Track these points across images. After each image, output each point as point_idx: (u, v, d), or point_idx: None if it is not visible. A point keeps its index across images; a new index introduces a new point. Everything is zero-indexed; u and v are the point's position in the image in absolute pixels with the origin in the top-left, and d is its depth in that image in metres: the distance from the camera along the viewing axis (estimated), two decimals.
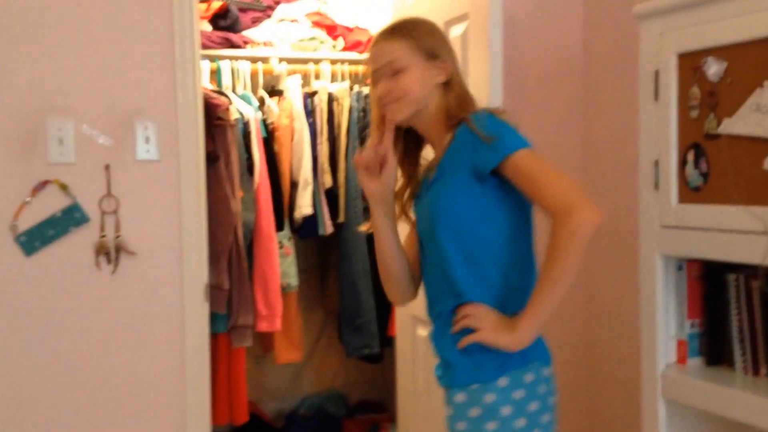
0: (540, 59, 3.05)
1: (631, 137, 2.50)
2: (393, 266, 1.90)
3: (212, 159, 2.67)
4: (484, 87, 2.38)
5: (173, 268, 2.51)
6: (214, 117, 2.67)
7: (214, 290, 2.68)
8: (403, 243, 1.93)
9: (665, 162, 2.09)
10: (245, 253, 2.85)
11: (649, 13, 2.11)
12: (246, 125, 3.26)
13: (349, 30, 3.92)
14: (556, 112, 3.07)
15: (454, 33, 2.59)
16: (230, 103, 3.00)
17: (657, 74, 2.09)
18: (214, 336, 2.91)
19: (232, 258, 2.80)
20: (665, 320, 2.13)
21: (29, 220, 2.35)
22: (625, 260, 2.82)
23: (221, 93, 2.78)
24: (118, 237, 2.43)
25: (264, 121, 3.43)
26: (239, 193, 3.01)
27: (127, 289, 2.46)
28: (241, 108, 3.30)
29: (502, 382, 1.70)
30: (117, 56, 2.44)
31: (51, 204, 2.37)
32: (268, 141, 3.40)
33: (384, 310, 3.58)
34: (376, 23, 3.93)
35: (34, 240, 2.35)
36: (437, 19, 2.59)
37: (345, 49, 3.87)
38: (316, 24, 3.88)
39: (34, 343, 2.37)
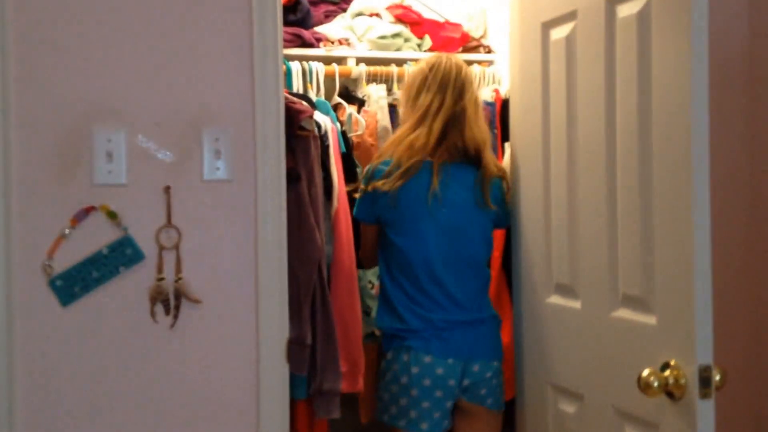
0: None
1: None
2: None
3: (293, 178, 2.13)
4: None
5: (247, 320, 1.98)
6: (296, 126, 2.12)
7: (293, 346, 2.12)
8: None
9: None
10: (330, 298, 2.29)
11: None
12: (323, 138, 2.71)
13: (439, 26, 3.36)
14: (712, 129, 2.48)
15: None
16: (314, 109, 2.45)
17: None
18: (292, 403, 2.35)
19: (315, 304, 2.23)
20: None
21: (67, 258, 1.84)
22: None
23: (304, 97, 2.25)
24: (179, 279, 1.90)
25: (344, 133, 2.87)
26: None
27: (190, 346, 1.93)
28: (317, 117, 2.75)
29: None
30: (181, 50, 1.92)
31: (95, 237, 1.86)
32: (348, 157, 2.83)
33: None
34: (470, 17, 3.38)
35: (73, 284, 1.82)
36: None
37: (433, 48, 3.32)
38: (399, 18, 3.33)
39: (74, 418, 1.85)
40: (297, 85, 2.95)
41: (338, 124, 2.87)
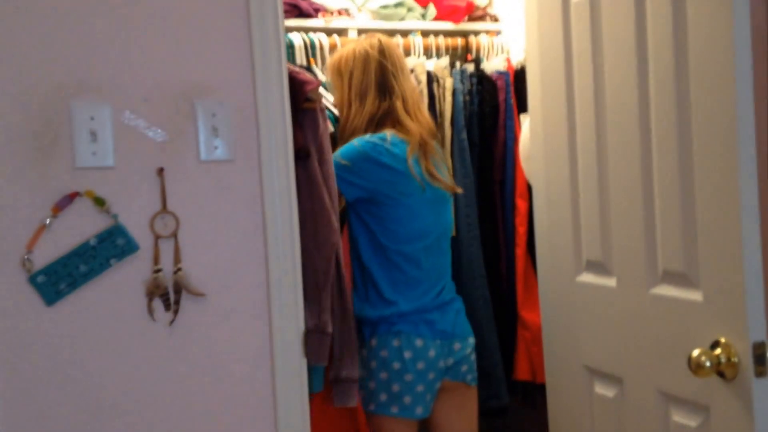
0: None
1: None
2: None
3: (302, 156, 1.94)
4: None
5: (258, 312, 1.79)
6: (302, 98, 1.93)
7: (314, 335, 1.95)
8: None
9: None
10: (346, 284, 2.12)
11: None
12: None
13: None
14: None
15: None
16: (320, 81, 2.27)
17: None
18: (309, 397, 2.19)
19: (332, 292, 2.05)
20: None
21: (50, 251, 1.63)
22: None
23: (307, 68, 2.07)
24: (178, 271, 1.71)
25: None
26: (341, 201, 2.29)
27: (194, 345, 1.74)
28: (326, 93, 2.58)
29: None
30: (170, 16, 1.71)
31: (81, 227, 1.65)
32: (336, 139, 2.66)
33: (507, 349, 2.83)
34: None
35: (57, 281, 1.62)
36: None
37: (438, 17, 3.14)
38: None
39: (66, 427, 1.65)
40: (300, 60, 2.78)
41: None
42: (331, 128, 2.53)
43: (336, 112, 2.55)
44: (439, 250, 2.45)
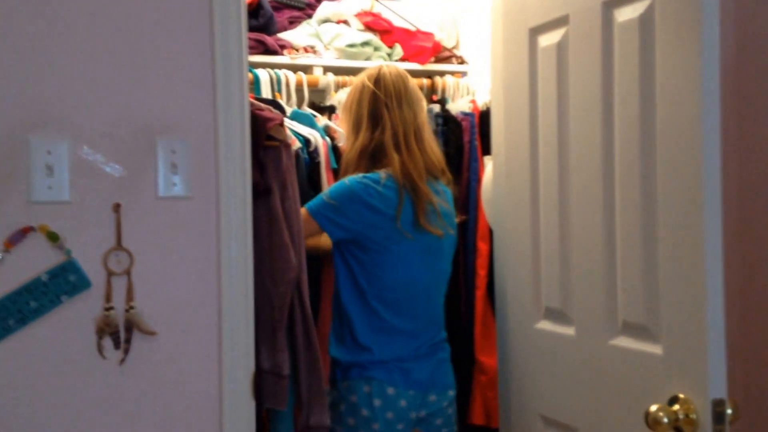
0: None
1: None
2: None
3: (261, 192, 1.92)
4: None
5: (208, 352, 1.76)
6: (262, 135, 1.91)
7: (269, 377, 1.91)
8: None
9: None
10: (311, 325, 2.07)
11: None
12: (313, 155, 2.51)
13: (410, 34, 3.19)
14: None
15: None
16: (284, 116, 2.25)
17: None
18: None
19: (295, 330, 2.01)
20: None
21: (0, 286, 1.60)
22: None
23: (273, 102, 2.06)
24: (130, 309, 1.68)
25: (335, 148, 2.68)
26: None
27: (143, 384, 1.71)
28: (302, 131, 2.55)
29: None
30: (133, 53, 1.70)
31: (33, 262, 1.62)
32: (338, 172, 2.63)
33: (463, 393, 2.80)
34: (441, 27, 3.22)
35: (6, 317, 1.59)
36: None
37: (405, 57, 3.14)
38: (369, 26, 3.16)
39: None
40: (266, 95, 2.76)
41: (329, 139, 2.68)
42: (334, 163, 2.52)
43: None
44: (427, 300, 2.37)
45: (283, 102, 2.72)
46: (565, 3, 1.99)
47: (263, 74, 2.75)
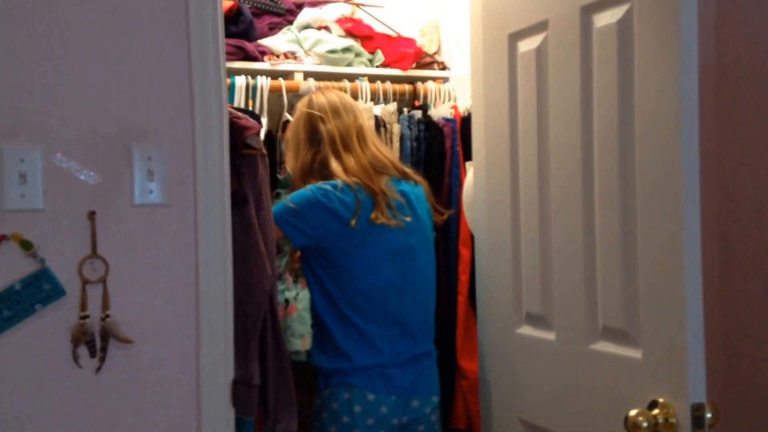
0: None
1: None
2: None
3: (238, 202, 1.90)
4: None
5: (185, 360, 1.74)
6: (240, 143, 1.90)
7: (239, 387, 1.89)
8: None
9: None
10: (281, 332, 2.06)
11: None
12: None
13: (392, 40, 3.19)
14: None
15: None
16: (261, 126, 2.24)
17: None
18: None
19: (266, 339, 2.00)
20: None
21: None
22: None
23: (248, 112, 2.05)
24: (106, 317, 1.66)
25: None
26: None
27: (120, 393, 1.68)
28: None
29: None
30: (110, 56, 1.68)
31: (6, 271, 1.59)
32: None
33: (444, 397, 2.79)
34: (423, 32, 3.22)
35: None
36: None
37: (386, 63, 3.13)
38: (350, 32, 3.15)
39: None
40: (239, 101, 2.76)
41: None
42: None
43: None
44: (401, 304, 2.34)
45: (257, 109, 2.72)
46: (544, 8, 1.99)
47: (240, 80, 2.74)
